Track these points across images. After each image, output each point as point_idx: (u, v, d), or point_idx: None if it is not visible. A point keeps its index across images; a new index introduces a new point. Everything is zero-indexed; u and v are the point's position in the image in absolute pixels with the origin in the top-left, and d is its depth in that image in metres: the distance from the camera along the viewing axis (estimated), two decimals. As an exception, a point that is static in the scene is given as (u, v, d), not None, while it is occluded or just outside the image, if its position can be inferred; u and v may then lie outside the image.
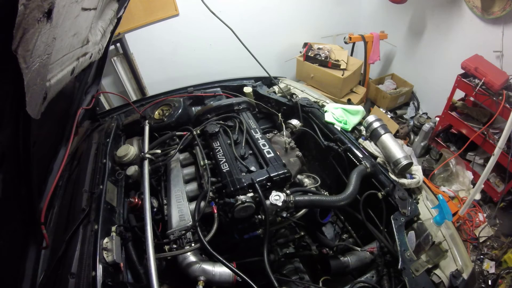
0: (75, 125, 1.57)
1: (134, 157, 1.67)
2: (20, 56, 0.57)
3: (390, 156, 1.62)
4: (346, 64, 3.56)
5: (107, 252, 1.13)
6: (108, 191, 1.40)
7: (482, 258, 2.54)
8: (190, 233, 1.29)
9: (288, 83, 2.48)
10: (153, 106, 2.09)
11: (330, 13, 4.22)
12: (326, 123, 1.92)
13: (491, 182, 2.81)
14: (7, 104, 0.67)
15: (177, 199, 1.46)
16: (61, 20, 0.80)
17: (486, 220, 2.79)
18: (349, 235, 1.82)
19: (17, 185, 0.90)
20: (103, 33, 1.59)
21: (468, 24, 3.08)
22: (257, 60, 2.01)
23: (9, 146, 0.76)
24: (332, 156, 1.85)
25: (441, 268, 1.23)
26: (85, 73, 1.70)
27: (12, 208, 0.92)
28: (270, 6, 3.79)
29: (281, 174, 1.37)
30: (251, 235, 1.38)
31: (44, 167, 1.35)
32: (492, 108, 2.64)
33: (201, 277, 1.17)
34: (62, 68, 1.08)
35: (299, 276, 1.60)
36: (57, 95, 1.02)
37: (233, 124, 1.74)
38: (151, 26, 3.32)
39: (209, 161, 1.56)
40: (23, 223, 1.02)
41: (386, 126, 1.74)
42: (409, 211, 1.40)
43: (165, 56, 3.58)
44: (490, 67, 2.72)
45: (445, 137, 3.36)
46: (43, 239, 1.10)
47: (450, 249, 1.28)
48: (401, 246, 1.26)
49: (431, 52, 3.65)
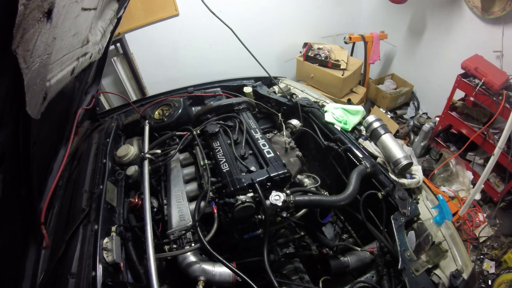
0: (75, 125, 1.57)
1: (134, 157, 1.67)
2: (20, 56, 0.57)
3: (390, 156, 1.62)
4: (346, 64, 3.56)
5: (107, 252, 1.13)
6: (108, 191, 1.40)
7: (482, 258, 2.54)
8: (190, 233, 1.29)
9: (288, 83, 2.48)
10: (153, 106, 2.09)
11: (330, 13, 4.22)
12: (326, 123, 1.92)
13: (491, 182, 2.81)
14: (7, 104, 0.67)
15: (177, 199, 1.46)
16: (61, 20, 0.80)
17: (486, 220, 2.79)
18: (349, 235, 1.81)
19: (17, 185, 0.90)
20: (103, 33, 1.59)
21: (468, 24, 3.08)
22: (257, 60, 2.01)
23: (9, 146, 0.76)
24: (332, 156, 1.85)
25: (441, 268, 1.23)
26: (85, 73, 1.70)
27: (12, 208, 0.92)
28: (270, 6, 3.79)
29: (281, 174, 1.37)
30: (251, 235, 1.38)
31: (44, 167, 1.34)
32: (492, 108, 2.64)
33: (201, 277, 1.17)
34: (62, 68, 1.08)
35: (299, 276, 1.60)
36: (57, 95, 1.02)
37: (233, 124, 1.74)
38: (151, 26, 3.32)
39: (209, 161, 1.56)
40: (23, 223, 1.02)
41: (386, 126, 1.74)
42: (409, 211, 1.40)
43: (165, 56, 3.58)
44: (490, 67, 2.72)
45: (445, 137, 3.36)
46: (43, 239, 1.10)
47: (450, 249, 1.28)
48: (401, 246, 1.26)
49: (431, 52, 3.65)
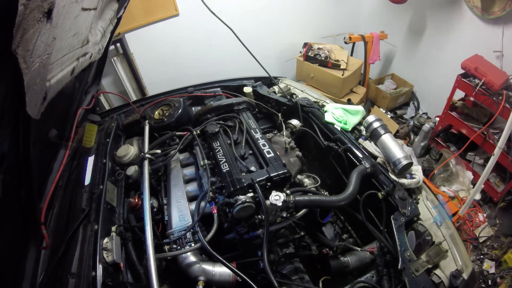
0: (75, 125, 1.56)
1: (134, 157, 1.67)
2: (20, 56, 0.57)
3: (390, 156, 1.61)
4: (346, 64, 3.56)
5: (107, 252, 1.13)
6: (108, 191, 1.40)
7: (482, 258, 2.54)
8: (190, 233, 1.29)
9: (288, 83, 2.48)
10: (153, 106, 2.09)
11: (330, 13, 4.22)
12: (326, 123, 1.92)
13: (491, 182, 2.81)
14: (7, 104, 0.67)
15: (177, 199, 1.46)
16: (61, 20, 0.80)
17: (486, 220, 2.79)
18: (349, 235, 1.82)
19: (17, 185, 0.90)
20: (103, 33, 1.59)
21: (468, 24, 3.08)
22: (257, 60, 2.01)
23: (9, 146, 0.76)
24: (332, 156, 1.85)
25: (441, 268, 1.23)
26: (85, 73, 1.70)
27: (12, 208, 0.92)
28: (270, 6, 3.79)
29: (281, 174, 1.37)
30: (251, 235, 1.38)
31: (44, 167, 1.34)
32: (492, 108, 2.64)
33: (201, 277, 1.17)
34: (62, 68, 1.08)
35: (299, 276, 1.59)
36: (57, 95, 1.02)
37: (233, 124, 1.74)
38: (151, 26, 3.32)
39: (209, 161, 1.56)
40: (23, 223, 1.01)
41: (386, 126, 1.74)
42: (409, 211, 1.40)
43: (165, 56, 3.58)
44: (490, 67, 2.72)
45: (445, 137, 3.36)
46: (43, 239, 1.10)
47: (450, 249, 1.28)
48: (401, 246, 1.26)
49: (431, 52, 3.65)
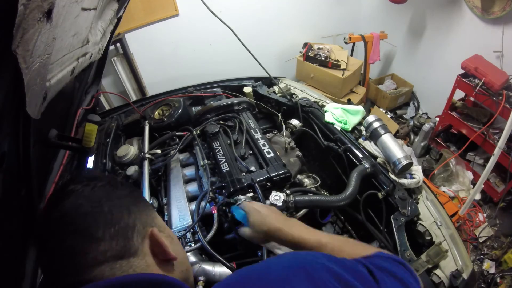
0: (75, 125, 1.56)
1: (134, 157, 1.67)
2: (20, 56, 0.57)
3: (390, 156, 1.61)
4: (346, 64, 3.56)
5: (107, 252, 1.13)
6: (108, 191, 1.40)
7: (482, 258, 2.54)
8: (190, 233, 1.29)
9: (288, 83, 2.48)
10: (153, 106, 2.08)
11: (330, 13, 4.22)
12: (326, 123, 1.92)
13: (491, 182, 2.81)
14: (7, 104, 0.67)
15: (177, 199, 1.46)
16: (61, 20, 0.80)
17: (486, 220, 2.79)
18: (349, 235, 1.81)
19: (17, 185, 0.89)
20: (103, 33, 1.59)
21: (468, 24, 3.08)
22: (257, 60, 2.01)
23: (9, 146, 0.76)
24: (332, 156, 1.85)
25: (441, 268, 1.23)
26: (85, 73, 1.69)
27: (12, 208, 0.92)
28: (270, 6, 3.79)
29: (281, 174, 1.37)
30: (251, 235, 1.38)
31: (44, 167, 1.34)
32: (492, 108, 2.64)
33: (201, 277, 1.17)
34: (62, 68, 1.07)
35: (299, 276, 1.60)
36: (57, 95, 1.02)
37: (233, 124, 1.74)
38: (151, 26, 3.32)
39: (209, 161, 1.56)
40: (23, 223, 1.01)
41: (386, 126, 1.73)
42: (409, 211, 1.40)
43: (165, 56, 3.58)
44: (490, 67, 2.72)
45: (445, 137, 3.36)
46: (43, 239, 1.10)
47: (450, 249, 1.28)
48: (401, 246, 1.26)
49: (431, 52, 3.65)
